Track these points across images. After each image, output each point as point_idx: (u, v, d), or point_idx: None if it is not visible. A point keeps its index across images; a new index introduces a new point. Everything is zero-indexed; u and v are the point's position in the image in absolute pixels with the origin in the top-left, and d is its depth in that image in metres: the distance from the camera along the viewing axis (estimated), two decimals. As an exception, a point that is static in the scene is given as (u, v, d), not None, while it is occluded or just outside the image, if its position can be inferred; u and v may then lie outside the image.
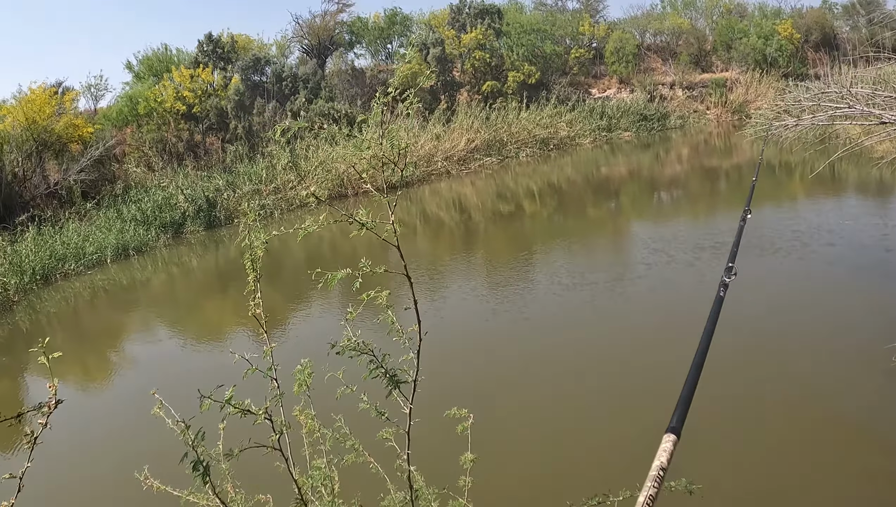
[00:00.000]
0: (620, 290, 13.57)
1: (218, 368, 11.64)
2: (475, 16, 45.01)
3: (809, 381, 9.09)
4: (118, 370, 13.85)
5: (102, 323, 17.60)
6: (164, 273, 21.57)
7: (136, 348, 15.24)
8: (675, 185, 27.41)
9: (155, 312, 17.79)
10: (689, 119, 45.42)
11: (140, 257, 23.52)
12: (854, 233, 15.99)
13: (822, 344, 10.22)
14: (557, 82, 45.59)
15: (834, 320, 11.16)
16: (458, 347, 11.93)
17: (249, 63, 39.02)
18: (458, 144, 35.38)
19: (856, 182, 23.26)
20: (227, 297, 17.20)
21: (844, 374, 9.15)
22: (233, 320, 15.32)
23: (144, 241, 24.61)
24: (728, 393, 8.75)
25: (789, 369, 9.42)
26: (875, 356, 9.14)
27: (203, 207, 26.87)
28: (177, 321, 16.39)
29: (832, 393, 8.73)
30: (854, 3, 51.55)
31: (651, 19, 53.63)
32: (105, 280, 21.06)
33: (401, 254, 3.54)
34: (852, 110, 10.85)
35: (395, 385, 3.50)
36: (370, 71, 43.36)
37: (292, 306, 15.60)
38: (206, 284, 19.91)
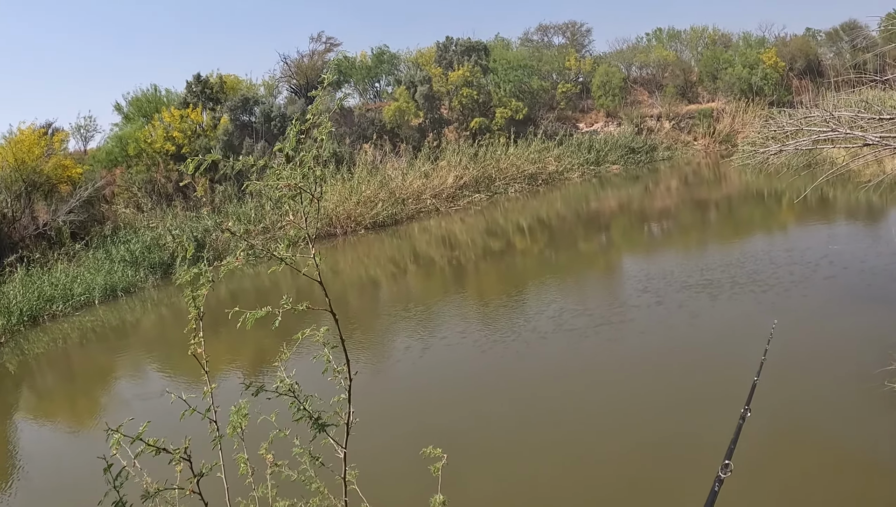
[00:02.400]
0: (607, 335, 13.13)
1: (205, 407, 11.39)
2: (462, 53, 45.14)
3: (808, 408, 9.00)
4: (104, 412, 13.63)
5: (90, 364, 17.47)
6: (152, 314, 21.42)
7: (124, 389, 15.07)
8: (664, 217, 27.32)
9: (143, 353, 17.60)
10: (677, 150, 45.44)
11: (128, 298, 23.44)
12: (841, 257, 15.89)
13: (818, 370, 10.13)
14: (545, 117, 45.69)
15: (827, 345, 11.05)
16: (444, 390, 11.82)
17: (238, 103, 39.04)
18: (446, 181, 35.32)
19: (844, 206, 23.18)
20: (218, 337, 16.99)
21: (842, 400, 9.10)
22: (224, 359, 15.13)
23: (133, 282, 24.59)
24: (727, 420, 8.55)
25: (788, 396, 9.27)
26: (871, 381, 9.06)
27: (194, 250, 26.73)
28: (165, 362, 16.19)
29: (830, 420, 8.69)
30: (837, 30, 51.91)
31: (637, 52, 53.96)
32: (93, 321, 20.95)
33: (324, 290, 3.43)
34: (835, 133, 10.76)
35: (319, 428, 3.40)
36: (358, 110, 43.39)
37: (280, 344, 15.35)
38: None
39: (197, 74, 40.04)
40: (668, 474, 8.07)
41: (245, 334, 15.81)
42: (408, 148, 40.18)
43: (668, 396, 9.94)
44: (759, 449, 8.12)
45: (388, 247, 27.36)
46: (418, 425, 10.50)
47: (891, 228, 18.43)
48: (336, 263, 25.38)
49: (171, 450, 3.16)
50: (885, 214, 21.33)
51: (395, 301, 19.25)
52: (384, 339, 15.73)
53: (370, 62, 48.09)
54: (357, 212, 30.65)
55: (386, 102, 45.17)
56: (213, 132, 37.37)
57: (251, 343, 15.53)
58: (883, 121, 10.71)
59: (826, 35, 53.91)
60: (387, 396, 12.13)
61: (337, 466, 3.71)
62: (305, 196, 3.37)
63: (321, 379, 3.55)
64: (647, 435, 8.93)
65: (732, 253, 18.12)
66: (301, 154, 3.32)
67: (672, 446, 8.58)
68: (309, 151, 3.32)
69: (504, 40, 53.58)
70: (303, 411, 3.40)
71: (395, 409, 11.29)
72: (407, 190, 33.69)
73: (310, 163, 3.29)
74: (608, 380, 11.01)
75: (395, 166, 36.83)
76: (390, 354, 14.66)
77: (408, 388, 12.45)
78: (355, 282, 22.22)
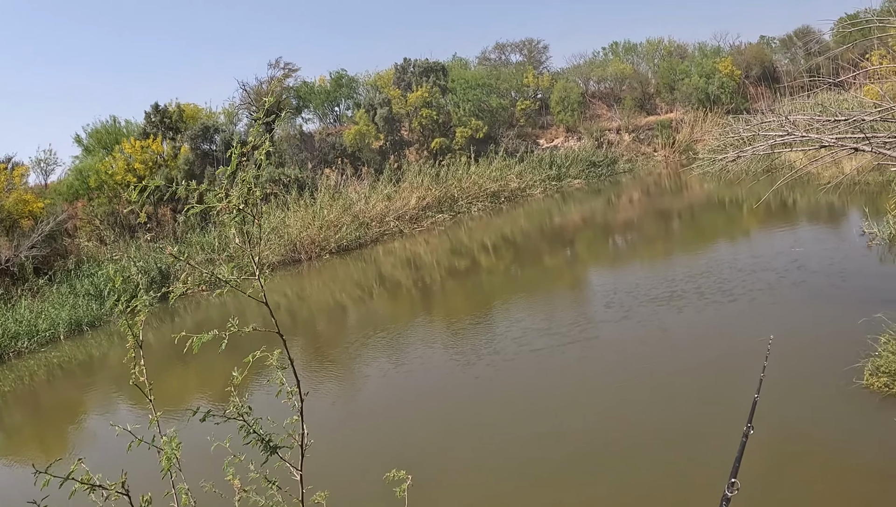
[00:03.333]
0: (574, 354, 12.87)
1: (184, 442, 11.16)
2: (420, 74, 45.17)
3: (780, 410, 8.87)
4: (74, 448, 13.33)
5: (58, 401, 17.22)
6: (119, 348, 21.04)
7: (94, 424, 14.78)
8: (628, 229, 27.33)
9: (112, 387, 17.26)
10: (638, 162, 45.65)
11: (94, 332, 23.19)
12: (807, 260, 15.90)
13: (788, 371, 10.01)
14: (505, 135, 45.78)
15: (796, 345, 10.95)
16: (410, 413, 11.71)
17: (198, 132, 38.75)
18: (409, 203, 35.18)
19: (805, 209, 23.32)
20: (188, 369, 16.74)
21: (813, 400, 9.14)
22: (196, 391, 15.01)
23: (98, 316, 24.29)
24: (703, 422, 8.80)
25: (762, 399, 9.16)
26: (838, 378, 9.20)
27: (156, 279, 26.41)
28: (135, 395, 15.86)
29: (802, 419, 8.71)
30: (791, 36, 52.56)
31: (594, 67, 54.23)
32: (59, 357, 20.70)
33: (270, 311, 3.33)
34: (791, 137, 10.73)
35: (271, 451, 3.31)
36: (318, 134, 43.22)
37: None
38: (163, 356, 19.34)
39: (155, 104, 39.76)
40: (641, 492, 7.93)
41: (214, 362, 15.67)
42: (369, 171, 40.06)
43: (638, 414, 9.78)
44: (730, 442, 8.09)
45: (353, 271, 27.14)
46: (385, 447, 10.36)
47: (852, 229, 18.53)
48: (302, 288, 25.16)
49: (106, 486, 3.04)
50: (846, 215, 21.46)
51: (361, 326, 19.03)
52: (351, 364, 15.53)
53: (329, 86, 47.92)
54: (321, 237, 30.43)
55: (346, 125, 45.06)
56: (173, 162, 37.03)
57: (220, 372, 15.29)
58: (838, 122, 10.71)
59: (780, 42, 54.62)
60: (353, 419, 12.00)
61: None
62: (248, 218, 3.17)
63: (289, 403, 3.52)
64: (616, 455, 8.79)
65: (698, 262, 18.05)
66: (241, 175, 3.13)
67: (641, 466, 8.43)
68: (248, 172, 3.19)
69: (462, 60, 53.82)
70: (252, 435, 3.27)
71: (361, 431, 11.17)
72: (370, 213, 33.50)
73: (249, 184, 3.15)
74: (575, 401, 10.79)
75: (357, 190, 36.65)
76: (357, 378, 14.50)
77: (374, 411, 12.27)
78: (322, 307, 22.00)
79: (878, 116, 10.15)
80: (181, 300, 25.52)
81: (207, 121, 40.85)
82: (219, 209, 3.25)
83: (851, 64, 27.81)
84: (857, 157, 10.78)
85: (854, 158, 13.56)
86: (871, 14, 12.82)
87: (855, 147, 9.79)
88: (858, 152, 10.04)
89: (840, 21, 25.45)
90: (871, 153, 9.82)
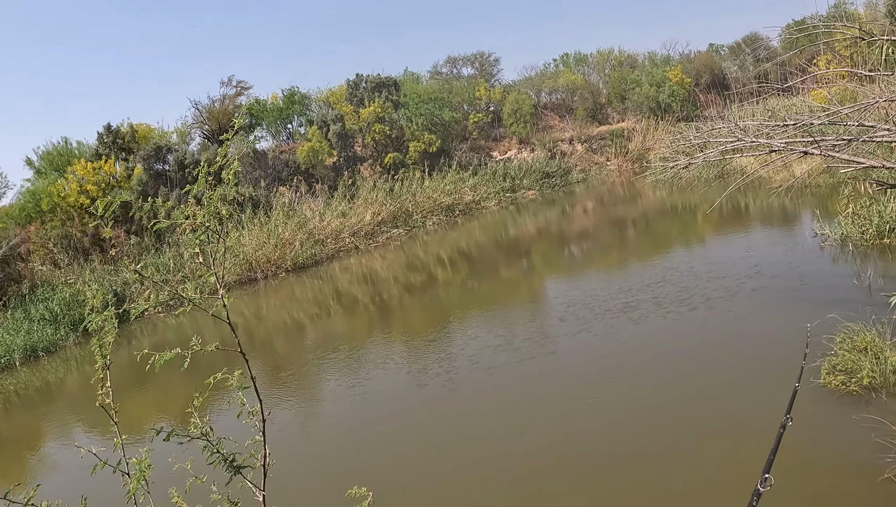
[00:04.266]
0: (531, 371, 12.65)
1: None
2: (372, 89, 45.10)
3: (742, 413, 9.11)
4: (35, 477, 13.05)
5: (16, 429, 16.93)
6: (76, 373, 20.69)
7: (53, 452, 14.55)
8: (583, 238, 27.39)
9: (71, 414, 16.97)
10: (591, 172, 45.85)
11: (50, 358, 22.83)
12: (759, 263, 16.03)
13: (746, 374, 10.26)
14: (458, 148, 45.78)
15: (753, 349, 11.20)
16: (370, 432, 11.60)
17: (151, 152, 38.29)
18: (364, 219, 35.05)
19: (758, 213, 23.56)
20: (146, 392, 16.47)
21: (771, 400, 8.95)
22: (155, 414, 14.80)
23: (53, 340, 23.89)
24: (668, 429, 8.97)
25: (721, 402, 9.56)
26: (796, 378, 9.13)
27: (112, 302, 25.99)
28: (94, 421, 15.55)
29: (759, 418, 8.68)
30: (739, 43, 53.27)
31: (545, 78, 54.47)
32: (16, 384, 20.39)
33: (232, 329, 3.21)
34: (741, 143, 10.78)
35: (235, 471, 3.21)
36: (272, 152, 42.95)
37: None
38: (121, 380, 19.03)
39: (107, 125, 39.17)
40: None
41: (172, 385, 15.44)
42: (324, 188, 39.86)
43: (596, 432, 9.68)
44: (697, 448, 8.38)
45: (310, 289, 26.94)
46: (344, 466, 10.28)
47: (805, 231, 18.72)
48: (259, 308, 24.91)
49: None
50: (798, 217, 21.69)
51: (320, 344, 18.86)
52: (310, 383, 15.37)
53: (281, 104, 47.61)
54: (277, 255, 30.21)
55: (299, 143, 44.74)
56: (127, 183, 36.54)
57: (179, 394, 15.08)
58: (788, 127, 10.77)
59: (729, 49, 55.34)
60: (313, 438, 11.93)
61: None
62: (213, 236, 3.09)
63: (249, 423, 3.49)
64: (573, 475, 8.73)
65: (654, 271, 18.06)
66: (207, 194, 3.07)
67: (599, 482, 8.40)
68: (215, 191, 3.11)
69: (413, 74, 53.66)
70: (216, 455, 3.18)
71: (321, 451, 11.17)
72: (325, 230, 33.33)
73: (216, 203, 3.06)
74: (532, 420, 10.65)
75: (311, 207, 36.45)
76: (316, 397, 14.38)
77: (334, 430, 12.16)
78: (280, 326, 21.78)
79: (827, 120, 10.21)
80: (137, 323, 25.18)
81: (160, 141, 40.35)
82: (185, 227, 3.16)
83: (799, 69, 28.18)
84: (807, 160, 10.82)
85: (804, 162, 13.66)
86: (818, 20, 12.95)
87: (804, 151, 9.84)
88: (808, 156, 10.10)
89: (787, 27, 25.88)
90: (821, 156, 9.88)
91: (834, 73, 21.47)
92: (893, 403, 8.26)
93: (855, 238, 15.99)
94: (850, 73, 13.68)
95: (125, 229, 34.17)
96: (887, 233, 15.41)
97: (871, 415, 8.00)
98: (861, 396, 8.75)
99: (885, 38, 9.11)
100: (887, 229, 15.41)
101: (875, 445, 7.47)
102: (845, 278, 13.99)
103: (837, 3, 23.01)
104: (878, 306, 10.79)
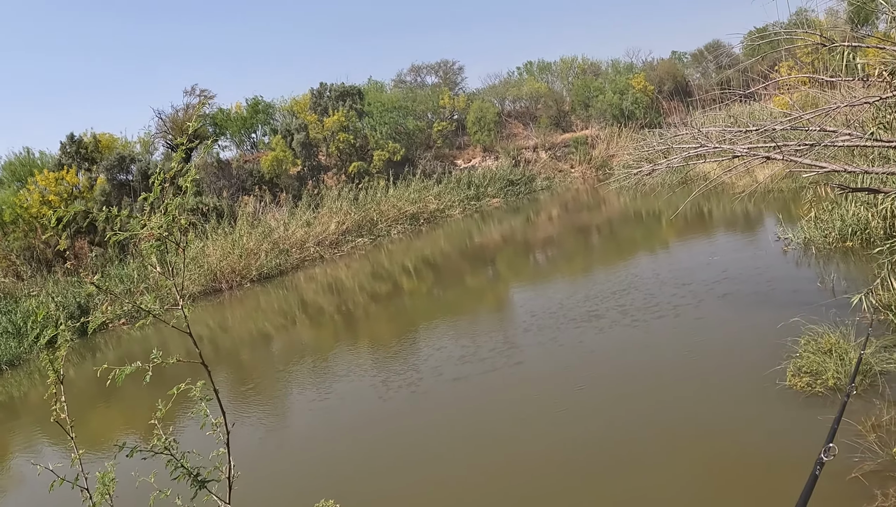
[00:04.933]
0: (497, 383, 12.43)
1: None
2: (336, 98, 44.94)
3: (712, 417, 9.19)
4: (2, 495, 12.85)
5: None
6: (41, 387, 20.33)
7: (17, 467, 14.25)
8: (548, 246, 27.42)
9: (36, 428, 16.61)
10: (555, 179, 46.00)
11: (14, 372, 22.47)
12: (724, 268, 16.12)
13: (713, 379, 10.34)
14: (422, 157, 45.72)
15: (719, 354, 11.29)
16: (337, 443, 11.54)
17: (114, 162, 37.82)
18: (328, 228, 34.88)
19: (722, 218, 23.72)
20: (111, 405, 16.25)
21: (738, 403, 9.35)
22: (120, 427, 14.58)
23: (17, 354, 23.57)
24: (640, 436, 9.00)
25: (691, 408, 9.60)
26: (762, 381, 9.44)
27: (75, 314, 25.62)
28: (61, 435, 15.32)
29: (728, 421, 8.98)
30: (702, 50, 53.84)
31: (509, 86, 54.67)
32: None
33: (193, 340, 3.13)
34: (704, 149, 10.82)
35: (200, 485, 3.13)
36: (236, 162, 42.67)
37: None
38: (85, 393, 18.76)
39: (70, 135, 38.72)
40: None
41: (138, 398, 15.20)
42: (288, 197, 39.65)
43: (565, 445, 9.59)
44: (670, 455, 8.34)
45: (275, 299, 26.73)
46: (311, 478, 10.25)
47: (768, 235, 18.87)
48: (224, 318, 24.68)
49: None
50: (762, 222, 21.88)
51: (285, 355, 18.71)
52: (276, 394, 15.20)
53: (245, 113, 47.30)
54: (241, 265, 29.95)
55: (263, 152, 44.44)
56: (90, 193, 36.13)
57: (144, 407, 14.87)
58: (750, 133, 10.84)
59: (692, 56, 56.02)
60: (279, 450, 11.79)
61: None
62: (171, 246, 3.04)
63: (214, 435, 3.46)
64: (547, 483, 8.66)
65: (619, 278, 18.05)
66: (165, 203, 3.02)
67: (570, 492, 8.36)
68: (172, 201, 3.04)
69: (377, 83, 53.57)
70: (180, 469, 3.12)
71: (287, 462, 11.01)
72: (290, 240, 33.12)
73: (174, 212, 2.99)
74: (498, 433, 10.48)
75: (276, 217, 36.24)
76: (282, 409, 14.23)
77: (299, 442, 12.07)
78: (245, 337, 21.56)
79: (789, 125, 10.29)
80: (102, 335, 24.87)
81: (123, 151, 39.91)
82: (141, 237, 3.10)
83: (761, 76, 28.49)
84: (770, 165, 10.93)
85: (766, 167, 13.82)
86: (780, 27, 13.04)
87: (767, 156, 9.89)
88: (770, 161, 10.16)
89: (749, 34, 26.11)
90: (783, 161, 9.93)
91: (795, 79, 21.71)
92: (859, 403, 8.30)
93: (818, 242, 16.14)
94: (812, 78, 13.78)
95: (88, 240, 33.77)
96: (850, 236, 15.58)
97: (837, 415, 8.06)
98: (827, 397, 8.81)
99: (846, 44, 9.18)
100: (849, 233, 15.58)
101: (842, 445, 7.46)
102: (809, 281, 14.10)
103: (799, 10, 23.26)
104: (842, 308, 10.92)
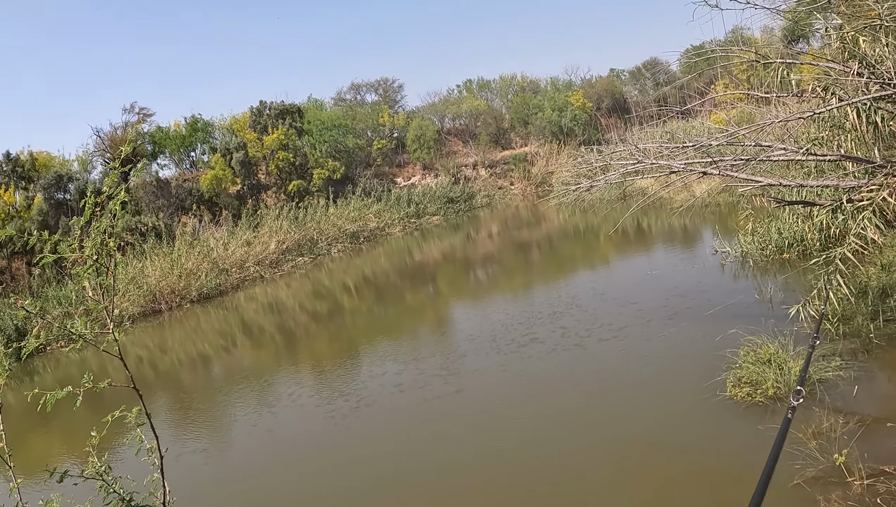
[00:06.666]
0: (437, 411, 12.11)
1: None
2: (276, 116, 44.64)
3: (655, 432, 9.26)
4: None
5: None
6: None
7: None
8: (488, 262, 27.49)
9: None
10: (496, 196, 46.27)
11: (-55, 398, 21.55)
12: (662, 282, 16.28)
13: (655, 393, 10.46)
14: (362, 175, 45.67)
15: (661, 368, 11.44)
16: (279, 466, 11.33)
17: (52, 181, 37.14)
18: (268, 247, 34.56)
19: (660, 233, 23.98)
20: (50, 430, 15.80)
21: (679, 415, 9.54)
22: (59, 453, 13.96)
23: (-48, 381, 22.58)
24: (584, 447, 9.14)
25: (633, 424, 9.63)
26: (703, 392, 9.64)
27: (13, 338, 24.92)
28: None
29: (668, 432, 9.15)
30: (639, 68, 54.61)
31: (449, 104, 54.90)
32: None
33: (125, 365, 3.02)
34: (642, 165, 10.92)
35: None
36: (175, 180, 42.13)
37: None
38: (23, 419, 18.15)
39: (7, 152, 37.98)
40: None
41: (78, 422, 14.81)
42: (227, 216, 39.27)
43: (505, 477, 9.40)
44: (617, 469, 8.41)
45: (215, 319, 26.37)
46: (253, 501, 10.05)
47: (706, 249, 19.12)
48: (164, 340, 24.23)
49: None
50: (700, 236, 22.16)
51: (227, 376, 18.41)
52: (218, 417, 14.92)
53: (184, 131, 46.70)
54: (181, 286, 29.48)
55: (203, 171, 43.94)
56: (27, 213, 35.33)
57: (86, 432, 14.47)
58: (687, 148, 10.96)
59: (630, 73, 56.88)
60: (220, 474, 11.53)
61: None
62: (102, 269, 2.95)
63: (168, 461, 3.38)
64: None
65: (560, 296, 18.09)
66: (95, 225, 2.94)
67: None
68: (101, 222, 2.95)
69: (317, 101, 53.36)
70: (113, 495, 3.04)
71: (228, 486, 10.81)
72: (230, 259, 32.68)
73: (102, 236, 2.89)
74: (439, 467, 10.22)
75: (215, 236, 35.83)
76: (223, 432, 13.95)
77: (241, 465, 11.83)
78: (186, 359, 21.17)
79: (725, 141, 10.41)
80: (40, 358, 24.26)
81: (61, 169, 39.21)
82: (72, 260, 3.02)
83: (698, 93, 28.96)
84: (706, 180, 11.05)
85: (703, 182, 13.97)
86: (716, 45, 13.25)
87: (703, 171, 10.01)
88: (707, 176, 10.29)
89: (686, 52, 26.51)
90: (720, 176, 10.08)
91: (731, 95, 22.09)
92: (799, 412, 8.32)
93: (755, 255, 16.43)
94: (748, 95, 14.03)
95: (26, 261, 33.07)
96: (787, 248, 15.90)
97: (777, 425, 8.09)
98: (767, 406, 8.97)
99: (781, 61, 9.34)
100: (787, 245, 15.89)
101: (783, 453, 7.57)
102: (747, 293, 14.30)
103: (735, 28, 23.69)
104: (780, 319, 11.06)
